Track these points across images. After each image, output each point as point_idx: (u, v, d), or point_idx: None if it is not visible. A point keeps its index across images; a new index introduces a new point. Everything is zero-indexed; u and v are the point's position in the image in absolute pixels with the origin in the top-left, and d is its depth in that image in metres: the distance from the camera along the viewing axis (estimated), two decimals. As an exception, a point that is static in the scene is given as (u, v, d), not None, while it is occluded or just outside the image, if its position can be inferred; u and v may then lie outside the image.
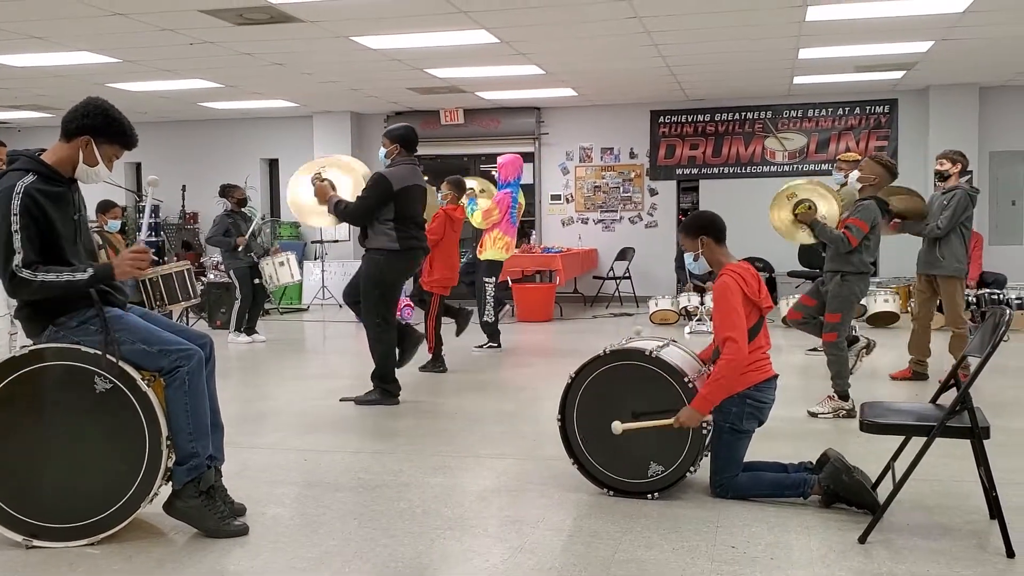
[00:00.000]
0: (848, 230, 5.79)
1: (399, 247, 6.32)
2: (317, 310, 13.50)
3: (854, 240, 5.76)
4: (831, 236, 5.84)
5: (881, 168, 6.00)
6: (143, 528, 3.84)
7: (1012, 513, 3.73)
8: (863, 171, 6.03)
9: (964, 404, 3.61)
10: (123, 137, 3.71)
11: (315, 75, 11.13)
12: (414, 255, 6.51)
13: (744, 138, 13.68)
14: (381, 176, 6.32)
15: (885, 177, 6.02)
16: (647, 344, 4.36)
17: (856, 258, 5.83)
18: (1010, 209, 13.03)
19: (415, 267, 6.70)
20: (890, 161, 6.10)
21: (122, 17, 7.92)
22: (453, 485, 4.51)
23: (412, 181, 6.43)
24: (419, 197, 6.55)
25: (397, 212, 6.30)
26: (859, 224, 5.79)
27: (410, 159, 6.51)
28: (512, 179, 8.86)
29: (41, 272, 3.50)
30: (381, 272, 6.38)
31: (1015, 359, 8.29)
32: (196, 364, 3.69)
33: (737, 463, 4.19)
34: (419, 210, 6.57)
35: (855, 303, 5.96)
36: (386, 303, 6.44)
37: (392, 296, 6.49)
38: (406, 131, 6.56)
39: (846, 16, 8.33)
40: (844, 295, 5.85)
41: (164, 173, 14.98)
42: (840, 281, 5.86)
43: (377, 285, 6.40)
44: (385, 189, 6.25)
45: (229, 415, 4.54)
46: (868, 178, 5.99)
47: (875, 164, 6.03)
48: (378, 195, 6.26)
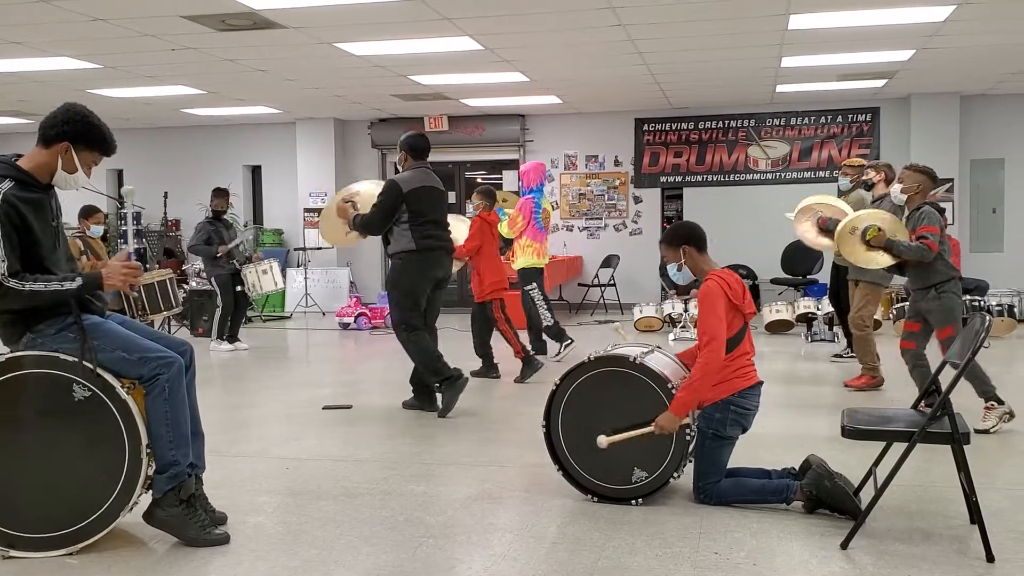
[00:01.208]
0: (925, 239, 5.67)
1: (416, 247, 6.30)
2: (300, 318, 13.44)
3: (934, 246, 5.65)
4: (912, 250, 5.70)
5: (922, 175, 5.92)
6: (123, 537, 3.81)
7: (992, 518, 3.76)
8: (904, 182, 5.90)
9: (944, 410, 3.63)
10: (102, 144, 3.70)
11: (298, 81, 11.11)
12: (434, 255, 6.39)
13: (728, 146, 13.74)
14: (391, 182, 6.39)
15: (927, 183, 5.94)
16: (631, 351, 4.36)
17: (940, 264, 5.72)
18: (990, 216, 13.13)
19: (436, 267, 6.43)
20: (928, 167, 5.98)
21: (103, 23, 7.88)
22: (436, 493, 4.49)
23: (424, 183, 6.42)
24: (433, 197, 6.50)
25: (411, 212, 6.30)
26: (932, 230, 5.69)
27: (421, 164, 6.53)
28: (535, 185, 8.81)
29: (29, 281, 3.48)
30: (398, 274, 6.37)
31: (995, 365, 8.33)
32: (176, 372, 3.67)
33: (720, 469, 4.20)
34: (436, 210, 6.51)
35: (959, 310, 5.75)
36: (410, 307, 6.36)
37: (416, 299, 6.36)
38: (414, 139, 6.60)
39: (828, 25, 8.38)
40: (947, 307, 5.68)
41: (146, 180, 14.98)
42: (937, 295, 5.70)
43: (400, 289, 6.36)
44: (395, 193, 6.29)
45: (211, 423, 4.51)
46: (912, 188, 5.88)
47: (915, 173, 5.91)
48: (389, 199, 6.29)
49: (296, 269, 14.22)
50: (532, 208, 8.71)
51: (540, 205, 8.79)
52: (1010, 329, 10.21)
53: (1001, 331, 10.05)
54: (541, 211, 8.80)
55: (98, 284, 3.61)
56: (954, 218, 12.57)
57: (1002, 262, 12.72)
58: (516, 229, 8.67)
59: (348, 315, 12.00)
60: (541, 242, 8.79)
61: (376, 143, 14.57)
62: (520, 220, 8.66)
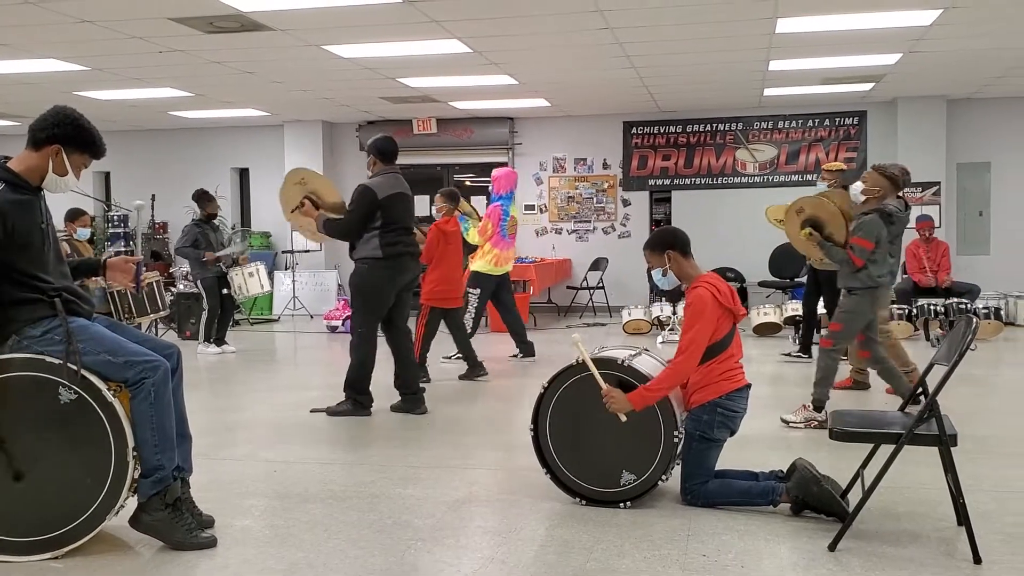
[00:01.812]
0: (851, 250, 5.76)
1: (383, 255, 6.29)
2: (288, 320, 13.41)
3: (858, 261, 5.74)
4: (836, 257, 5.82)
5: (885, 179, 5.94)
6: (108, 541, 3.78)
7: (979, 520, 3.77)
8: (866, 183, 5.95)
9: (932, 412, 3.64)
10: (93, 147, 3.70)
11: (286, 84, 11.08)
12: (400, 262, 6.40)
13: (715, 149, 13.77)
14: (365, 188, 6.33)
15: (889, 188, 5.97)
16: (619, 354, 4.36)
17: (863, 274, 5.79)
18: (977, 220, 13.20)
19: (401, 274, 6.45)
20: (893, 173, 6.01)
21: (91, 24, 7.85)
22: (424, 496, 4.48)
23: (396, 189, 6.42)
24: (405, 204, 6.52)
25: (384, 220, 6.28)
26: (861, 243, 5.76)
27: (391, 168, 6.50)
28: (505, 192, 8.81)
29: None
30: (363, 280, 6.36)
31: (982, 368, 8.39)
32: (162, 375, 3.65)
33: (707, 471, 4.21)
34: (406, 217, 6.52)
35: (860, 318, 5.86)
36: (370, 313, 6.38)
37: (378, 305, 6.39)
38: (383, 143, 6.55)
39: (816, 28, 8.42)
40: (849, 308, 5.82)
41: (133, 183, 14.94)
42: (847, 294, 5.85)
43: (360, 293, 6.38)
44: (371, 200, 6.25)
45: (198, 426, 4.49)
46: (872, 190, 5.92)
47: (879, 176, 5.94)
48: (365, 207, 6.26)
49: (284, 272, 14.18)
50: (500, 216, 8.72)
51: (508, 213, 8.79)
52: (996, 332, 10.26)
53: (988, 334, 10.11)
54: (508, 219, 8.80)
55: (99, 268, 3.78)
56: (941, 221, 12.63)
57: (989, 265, 12.78)
58: (486, 236, 8.66)
59: (336, 318, 11.97)
60: (503, 250, 8.77)
61: (364, 146, 14.49)
62: (489, 227, 8.66)
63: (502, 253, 8.77)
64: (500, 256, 8.75)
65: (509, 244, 8.87)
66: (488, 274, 8.73)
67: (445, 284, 7.92)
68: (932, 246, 11.01)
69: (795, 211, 6.13)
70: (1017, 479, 4.67)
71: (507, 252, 8.85)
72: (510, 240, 8.88)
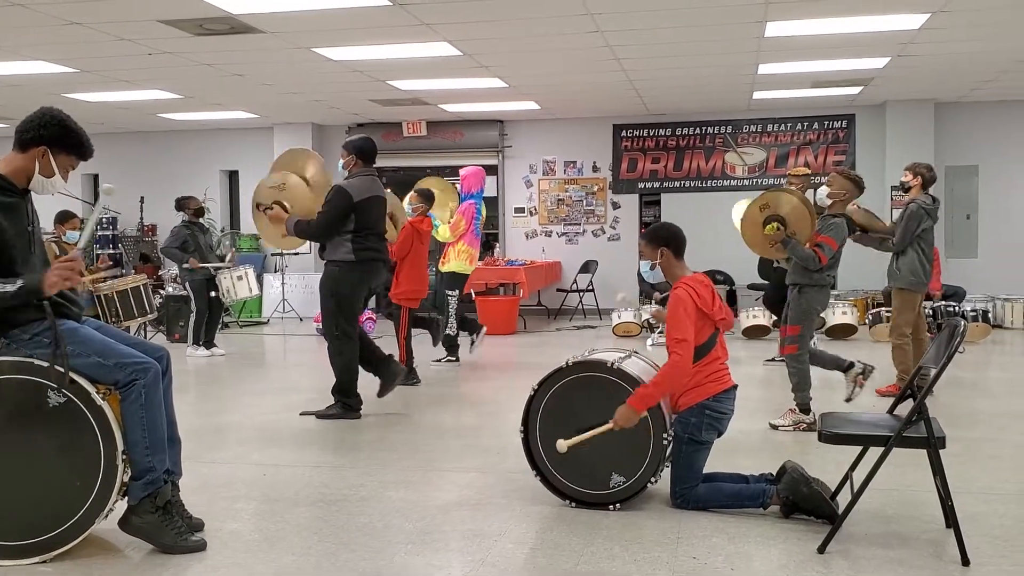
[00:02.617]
0: (819, 248, 5.80)
1: (355, 258, 6.28)
2: (277, 323, 13.37)
3: (824, 258, 5.79)
4: (802, 255, 5.82)
5: (849, 183, 6.02)
6: (98, 545, 3.77)
7: (967, 522, 3.79)
8: (832, 186, 6.03)
9: (920, 414, 3.66)
10: (80, 148, 3.68)
11: (276, 86, 11.06)
12: (372, 266, 6.44)
13: (705, 152, 13.81)
14: (340, 188, 6.28)
15: (854, 191, 6.05)
16: (609, 356, 4.37)
17: (817, 273, 5.86)
18: (965, 223, 13.27)
19: (373, 278, 6.54)
20: (857, 176, 6.11)
21: (79, 26, 7.82)
22: (414, 499, 4.48)
23: (372, 192, 6.40)
24: (379, 208, 6.53)
25: (357, 224, 6.27)
26: (829, 242, 5.82)
27: (369, 170, 6.48)
28: (475, 190, 8.81)
29: None
30: (336, 283, 6.35)
31: (970, 370, 8.43)
32: (152, 378, 3.64)
33: (696, 474, 4.22)
34: (379, 221, 6.54)
35: (814, 315, 6.00)
36: (344, 315, 6.37)
37: (349, 308, 6.39)
38: (363, 143, 6.53)
39: (804, 32, 8.46)
40: (803, 308, 5.90)
41: (122, 185, 14.80)
42: (798, 294, 5.91)
43: (333, 296, 6.36)
44: (345, 202, 6.21)
45: (188, 429, 4.48)
46: (838, 193, 5.99)
47: (843, 179, 6.03)
48: (339, 208, 6.22)
49: (273, 274, 14.15)
50: (473, 214, 8.71)
51: (480, 211, 8.79)
52: (984, 334, 10.31)
53: (976, 336, 10.16)
54: (481, 217, 8.82)
55: (37, 287, 3.44)
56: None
57: (976, 268, 12.85)
58: (457, 234, 8.64)
59: (326, 321, 11.92)
60: (476, 248, 8.80)
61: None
62: (463, 225, 8.64)
63: (475, 252, 8.79)
64: (473, 255, 8.77)
65: (478, 242, 8.89)
66: (462, 273, 8.73)
67: (418, 283, 7.92)
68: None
69: (759, 207, 6.12)
70: (1005, 481, 4.69)
71: (476, 251, 8.89)
72: (479, 238, 8.90)
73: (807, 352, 5.96)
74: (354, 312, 6.44)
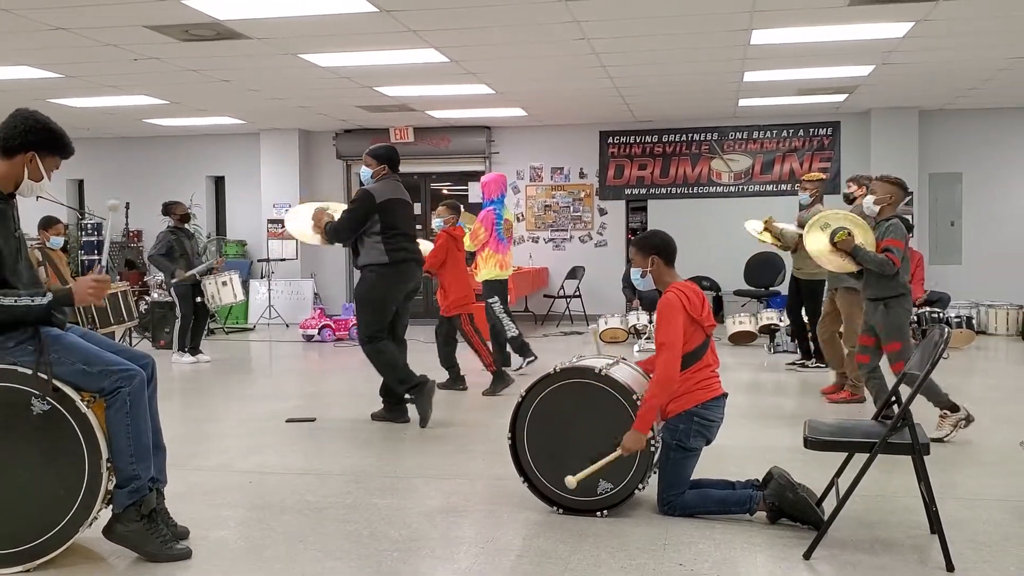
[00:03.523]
0: (890, 252, 5.72)
1: (388, 260, 6.32)
2: (263, 329, 13.33)
3: (897, 261, 5.71)
4: (875, 260, 5.73)
5: (893, 186, 5.96)
6: (82, 553, 3.75)
7: (952, 527, 3.81)
8: (877, 193, 5.93)
9: (905, 420, 3.68)
10: (65, 149, 3.71)
11: (262, 92, 11.04)
12: (407, 267, 6.44)
13: (691, 159, 13.86)
14: (364, 191, 6.41)
15: (899, 194, 5.98)
16: (596, 362, 4.37)
17: (896, 281, 5.77)
18: (949, 229, 13.36)
19: (410, 279, 6.50)
20: (899, 178, 6.03)
21: (64, 32, 7.79)
22: (400, 506, 4.47)
23: (395, 195, 6.48)
24: (404, 210, 6.57)
25: (384, 224, 6.33)
26: (896, 244, 5.74)
27: (393, 176, 6.57)
28: (496, 196, 8.75)
29: None
30: (372, 287, 6.36)
31: (954, 376, 8.47)
32: (138, 385, 3.62)
33: (684, 481, 4.22)
34: (406, 222, 6.57)
35: (908, 327, 5.83)
36: (378, 320, 6.37)
37: (385, 312, 6.39)
38: (390, 151, 6.65)
39: (790, 40, 8.50)
40: (895, 322, 5.74)
41: (107, 190, 14.80)
42: (886, 310, 5.77)
43: (370, 302, 6.37)
44: (368, 203, 6.31)
45: (173, 436, 4.46)
46: (884, 199, 5.91)
47: (886, 184, 5.94)
48: (362, 209, 6.31)
49: (260, 280, 14.10)
50: (493, 220, 8.68)
51: (501, 216, 8.76)
52: (968, 340, 10.37)
53: (960, 343, 10.21)
54: (503, 222, 8.78)
55: (69, 300, 3.58)
56: (914, 231, 12.76)
57: (960, 274, 12.95)
58: (478, 242, 8.62)
59: (312, 327, 11.92)
60: (503, 253, 8.74)
61: (341, 154, 14.52)
62: (482, 232, 8.61)
63: (504, 257, 8.74)
64: (502, 260, 8.73)
65: (507, 247, 8.84)
66: (498, 279, 8.70)
67: (465, 289, 7.96)
68: (906, 255, 11.12)
69: (819, 227, 6.10)
70: (989, 487, 4.71)
71: (507, 256, 8.83)
72: (507, 243, 8.87)
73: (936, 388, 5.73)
74: (386, 315, 6.42)
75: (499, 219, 8.69)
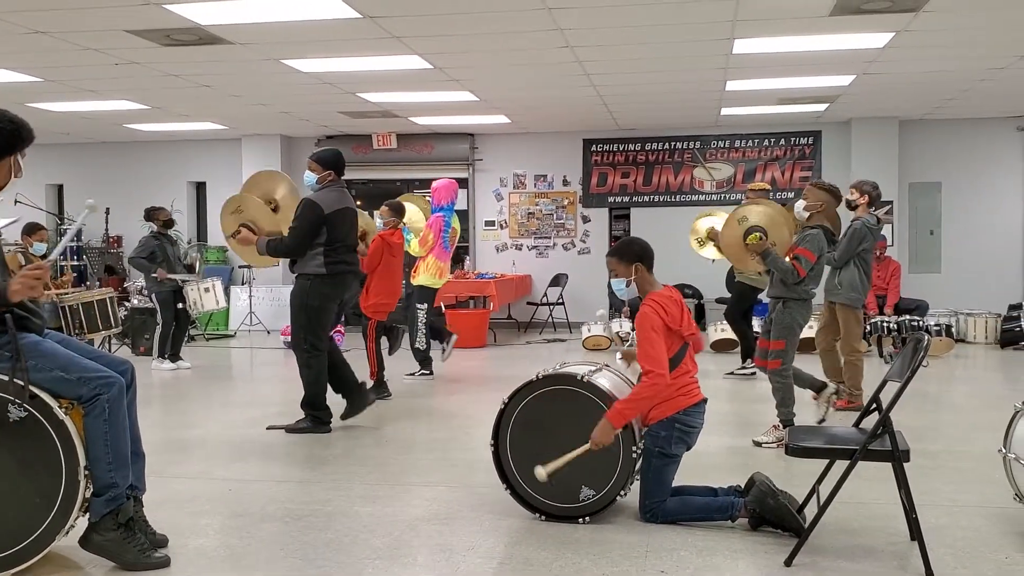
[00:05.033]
0: (797, 260, 5.78)
1: (326, 271, 6.28)
2: (244, 336, 13.25)
3: (802, 271, 5.77)
4: (781, 267, 5.80)
5: (825, 194, 6.00)
6: (58, 562, 3.70)
7: (932, 534, 3.83)
8: (808, 199, 5.99)
9: (885, 428, 3.69)
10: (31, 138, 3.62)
11: (244, 98, 11.00)
12: (343, 279, 6.44)
13: (674, 167, 13.92)
14: (310, 202, 6.27)
15: (831, 202, 6.05)
16: (579, 369, 4.37)
17: (799, 288, 5.84)
18: (928, 238, 13.47)
19: (344, 290, 6.54)
20: (832, 185, 6.10)
21: (43, 35, 7.73)
22: (382, 514, 4.44)
23: (342, 204, 6.40)
24: (350, 220, 6.52)
25: (328, 236, 6.26)
26: (807, 255, 5.80)
27: (339, 183, 6.49)
28: (446, 203, 8.76)
29: None
30: (308, 296, 6.32)
31: (933, 384, 8.53)
32: (117, 392, 3.59)
33: (666, 488, 4.22)
34: (350, 233, 6.52)
35: (798, 330, 5.92)
36: (314, 328, 6.34)
37: (320, 321, 6.37)
38: (337, 156, 6.55)
39: (771, 50, 8.55)
40: (787, 323, 5.83)
41: (87, 196, 14.59)
42: (782, 308, 5.86)
43: (304, 309, 6.33)
44: (316, 214, 6.21)
45: (152, 443, 4.42)
46: (815, 205, 5.97)
47: (819, 191, 6.01)
48: (311, 222, 6.21)
49: (241, 287, 14.03)
50: (442, 227, 8.68)
51: (449, 224, 8.77)
52: (948, 349, 10.44)
53: (939, 351, 10.28)
54: (450, 230, 8.79)
55: (3, 296, 3.42)
56: (894, 240, 12.87)
57: (940, 283, 13.03)
58: (426, 248, 8.62)
59: (294, 334, 11.83)
60: (445, 261, 8.75)
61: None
62: (431, 238, 8.62)
63: (444, 265, 8.75)
64: (442, 268, 8.72)
65: (448, 255, 8.86)
66: (431, 287, 8.69)
67: (387, 296, 7.90)
68: (883, 265, 11.22)
69: (737, 220, 6.14)
70: (968, 494, 4.74)
71: (446, 264, 8.84)
72: (449, 251, 8.87)
73: (791, 367, 5.88)
74: (324, 325, 6.41)
75: (447, 227, 8.69)
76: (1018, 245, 13.25)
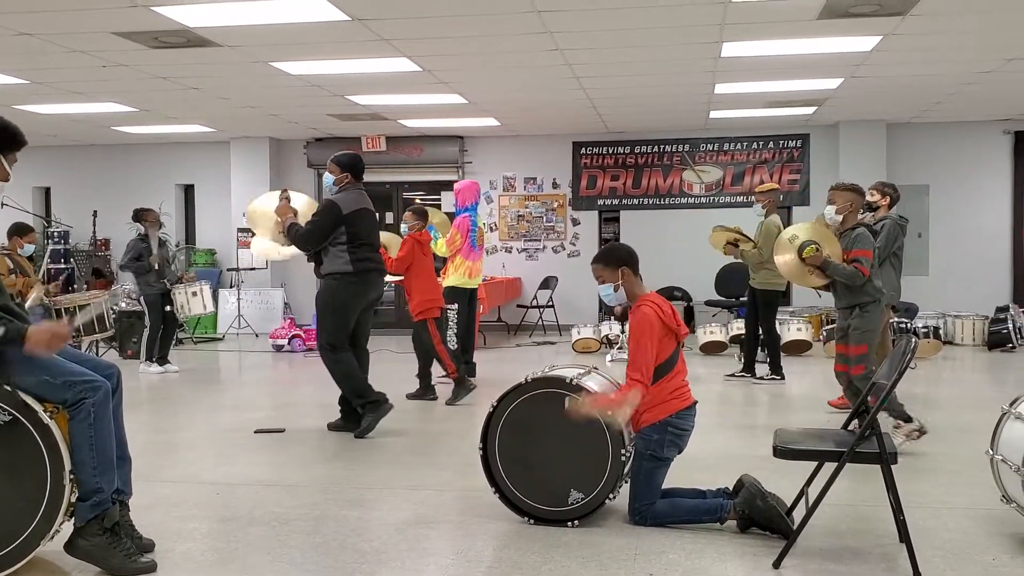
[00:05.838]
0: (858, 263, 5.73)
1: (352, 269, 6.30)
2: (233, 339, 13.21)
3: (865, 270, 5.72)
4: (845, 272, 5.73)
5: (852, 193, 5.96)
6: (42, 568, 3.67)
7: (919, 536, 3.84)
8: (837, 202, 5.94)
9: (873, 430, 3.70)
10: (22, 142, 3.63)
11: (233, 100, 10.97)
12: (369, 277, 6.43)
13: (663, 170, 13.94)
14: (330, 202, 6.37)
15: (858, 200, 6.01)
16: (568, 372, 4.37)
17: (869, 287, 5.78)
18: (916, 241, 13.50)
19: (371, 289, 6.49)
20: (854, 184, 6.06)
21: (30, 37, 7.69)
22: (370, 518, 4.43)
23: (361, 205, 6.45)
24: (369, 220, 6.56)
25: (350, 234, 6.30)
26: (864, 254, 5.76)
27: (358, 186, 6.53)
28: (470, 204, 8.71)
29: None
30: (335, 296, 6.33)
31: (921, 386, 8.56)
32: (102, 396, 3.56)
33: (655, 490, 4.22)
34: (371, 232, 6.55)
35: (877, 332, 5.88)
36: (339, 327, 6.34)
37: (346, 319, 6.36)
38: (354, 159, 6.60)
39: (760, 53, 8.58)
40: (867, 327, 5.75)
41: (75, 198, 14.68)
42: (860, 313, 5.78)
43: (332, 310, 6.34)
44: (335, 213, 6.28)
45: (139, 447, 4.39)
46: (845, 207, 5.93)
47: (846, 192, 5.96)
48: (328, 219, 6.28)
49: (229, 290, 13.98)
50: (468, 227, 8.66)
51: (476, 224, 8.75)
52: (935, 351, 10.48)
53: (927, 353, 10.32)
54: (476, 230, 8.77)
55: (19, 338, 3.40)
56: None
57: (928, 285, 13.08)
58: (454, 248, 8.60)
59: (282, 337, 11.83)
60: (474, 261, 8.73)
61: (312, 163, 14.44)
62: (458, 238, 8.59)
63: (474, 265, 8.71)
64: (472, 268, 8.68)
65: (479, 255, 8.82)
66: (463, 287, 8.66)
67: (432, 293, 7.93)
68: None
69: (788, 239, 6.07)
70: (955, 495, 4.76)
71: (477, 264, 8.79)
72: (479, 251, 8.84)
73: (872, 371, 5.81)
74: (347, 323, 6.40)
75: (474, 226, 8.67)
76: (1005, 247, 13.33)
